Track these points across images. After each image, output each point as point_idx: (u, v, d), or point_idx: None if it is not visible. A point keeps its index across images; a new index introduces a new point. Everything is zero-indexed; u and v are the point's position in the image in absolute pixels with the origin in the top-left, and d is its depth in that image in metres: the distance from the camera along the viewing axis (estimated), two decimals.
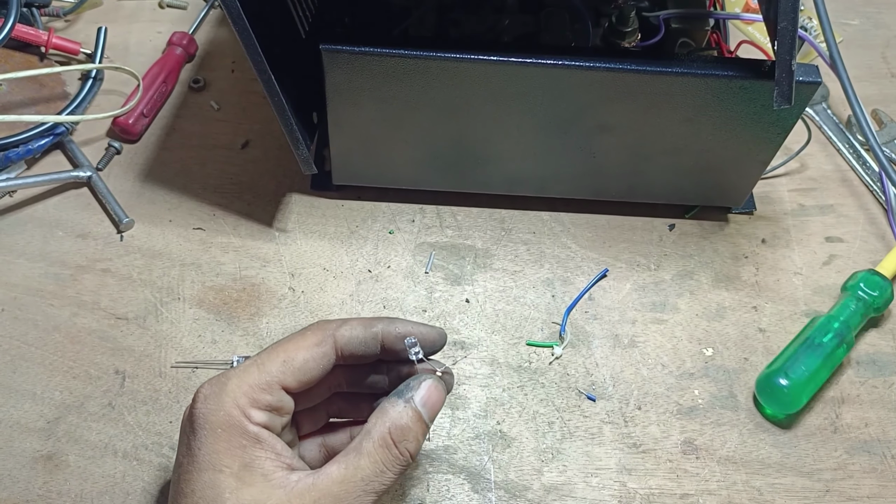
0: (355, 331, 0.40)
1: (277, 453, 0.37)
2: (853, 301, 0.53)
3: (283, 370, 0.38)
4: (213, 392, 0.37)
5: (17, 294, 0.54)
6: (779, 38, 0.44)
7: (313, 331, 0.40)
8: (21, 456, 0.48)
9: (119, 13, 0.71)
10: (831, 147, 0.66)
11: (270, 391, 0.38)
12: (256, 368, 0.38)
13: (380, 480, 0.36)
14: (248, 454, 0.36)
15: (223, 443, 0.36)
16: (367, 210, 0.59)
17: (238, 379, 0.38)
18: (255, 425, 0.37)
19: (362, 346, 0.40)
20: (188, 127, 0.64)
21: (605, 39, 0.59)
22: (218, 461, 0.36)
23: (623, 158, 0.55)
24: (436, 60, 0.48)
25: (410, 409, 0.38)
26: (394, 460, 0.37)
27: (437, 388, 0.39)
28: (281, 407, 0.38)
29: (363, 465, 0.36)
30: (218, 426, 0.36)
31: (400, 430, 0.37)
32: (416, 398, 0.38)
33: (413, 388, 0.39)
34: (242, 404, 0.37)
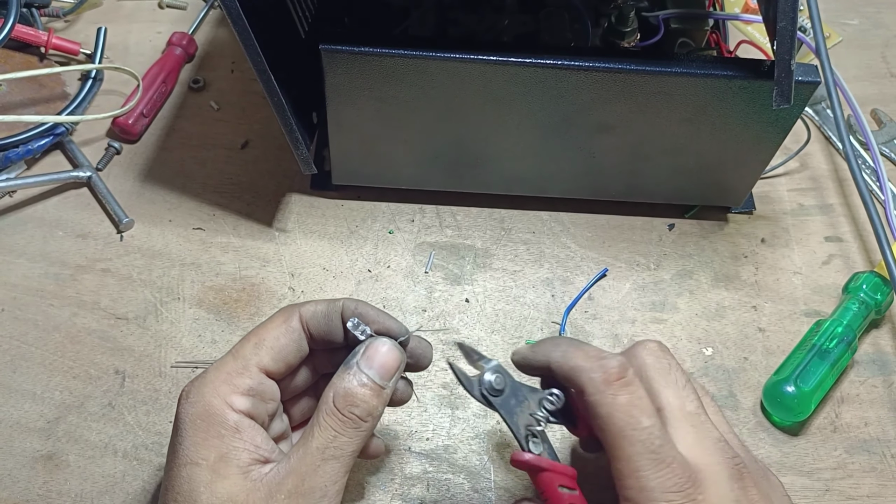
0: (318, 306, 0.40)
1: (256, 445, 0.37)
2: (856, 304, 0.53)
3: (257, 351, 0.39)
4: (194, 387, 0.38)
5: (17, 294, 0.54)
6: (778, 38, 0.44)
7: (279, 311, 0.41)
8: (21, 456, 0.48)
9: (119, 13, 0.71)
10: (831, 146, 0.66)
11: (248, 374, 0.38)
12: (231, 356, 0.39)
13: (335, 446, 0.36)
14: (225, 444, 0.36)
15: (202, 433, 0.36)
16: (367, 210, 0.59)
17: (216, 370, 0.38)
18: (237, 413, 0.37)
19: (325, 320, 0.40)
20: (188, 127, 0.64)
21: (604, 39, 0.59)
22: (196, 454, 0.36)
23: (622, 158, 0.55)
24: (435, 60, 0.48)
25: (351, 373, 0.38)
26: (342, 424, 0.37)
27: (383, 348, 0.39)
28: (263, 391, 0.38)
29: (315, 435, 0.36)
30: (197, 417, 0.37)
31: (343, 395, 0.37)
32: (359, 361, 0.38)
33: (357, 352, 0.39)
34: (223, 392, 0.37)
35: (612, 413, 0.36)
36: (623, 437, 0.35)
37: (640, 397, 0.36)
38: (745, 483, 0.36)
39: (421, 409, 0.51)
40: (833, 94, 0.56)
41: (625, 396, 0.36)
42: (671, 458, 0.35)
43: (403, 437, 0.49)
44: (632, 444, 0.35)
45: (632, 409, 0.36)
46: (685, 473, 0.35)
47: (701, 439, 0.37)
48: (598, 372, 0.36)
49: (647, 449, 0.35)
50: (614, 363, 0.37)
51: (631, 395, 0.36)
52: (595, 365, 0.37)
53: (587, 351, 0.38)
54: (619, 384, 0.36)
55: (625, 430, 0.35)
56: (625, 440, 0.35)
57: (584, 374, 0.37)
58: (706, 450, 0.36)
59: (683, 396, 0.38)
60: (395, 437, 0.49)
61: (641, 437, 0.35)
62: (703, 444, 0.37)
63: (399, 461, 0.48)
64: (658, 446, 0.35)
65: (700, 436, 0.37)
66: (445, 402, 0.51)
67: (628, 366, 0.37)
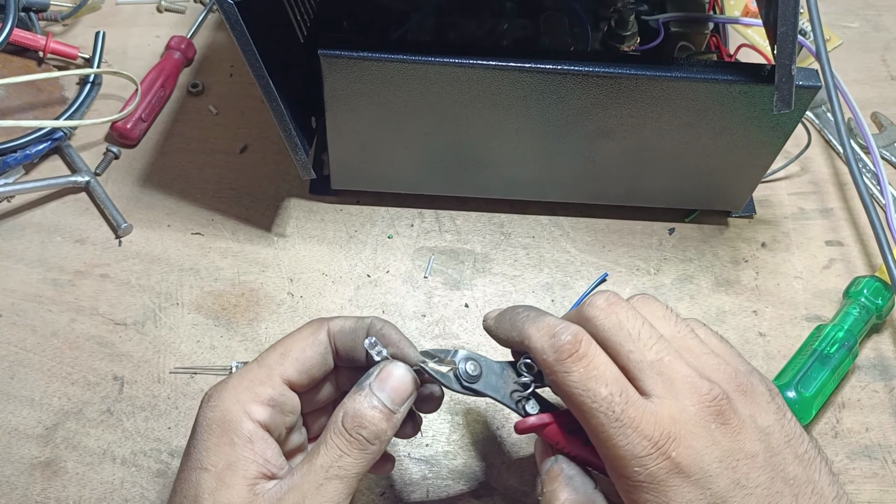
0: (347, 322, 0.40)
1: (266, 459, 0.37)
2: (857, 308, 0.53)
3: (281, 361, 0.38)
4: (216, 391, 0.38)
5: (15, 300, 0.54)
6: (779, 43, 0.44)
7: (309, 324, 0.40)
8: (19, 462, 0.47)
9: (117, 17, 0.71)
10: (831, 150, 0.66)
11: (271, 384, 0.38)
12: (256, 364, 0.39)
13: (340, 465, 0.36)
14: (235, 453, 0.36)
15: (214, 439, 0.36)
16: (366, 214, 0.59)
17: (239, 376, 0.38)
18: (254, 422, 0.37)
19: (351, 335, 0.39)
20: (186, 131, 0.64)
21: (604, 43, 0.59)
22: (206, 459, 0.36)
23: (622, 162, 0.55)
24: (434, 65, 0.48)
25: (363, 395, 0.37)
26: (349, 445, 0.36)
27: (397, 372, 0.38)
28: (284, 402, 0.38)
29: (321, 453, 0.36)
30: (214, 422, 0.36)
31: (351, 416, 0.37)
32: (372, 383, 0.38)
33: (371, 374, 0.38)
34: (243, 400, 0.37)
35: (568, 391, 0.35)
36: (584, 412, 0.35)
37: (594, 367, 0.35)
38: (725, 417, 0.35)
39: None
40: (833, 97, 0.56)
41: (578, 371, 0.35)
42: (636, 420, 0.34)
43: (403, 443, 0.49)
44: (594, 415, 0.35)
45: (587, 382, 0.35)
46: (656, 431, 0.34)
47: (668, 385, 0.35)
48: (551, 352, 0.36)
49: (610, 419, 0.34)
50: (565, 337, 0.36)
51: (585, 367, 0.35)
52: (546, 344, 0.36)
53: (540, 327, 0.37)
54: (570, 360, 0.35)
55: (584, 404, 0.35)
56: (586, 414, 0.35)
57: (539, 356, 0.37)
58: (677, 395, 0.35)
59: (641, 347, 0.36)
60: (395, 443, 0.49)
61: (602, 409, 0.34)
62: (673, 388, 0.35)
63: (399, 467, 0.48)
64: (620, 413, 0.34)
65: (667, 382, 0.35)
66: (445, 407, 0.51)
67: (581, 335, 0.36)
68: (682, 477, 0.34)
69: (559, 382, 0.36)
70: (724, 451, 0.34)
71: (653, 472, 0.34)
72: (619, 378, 0.35)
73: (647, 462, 0.34)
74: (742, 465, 0.34)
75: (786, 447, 0.36)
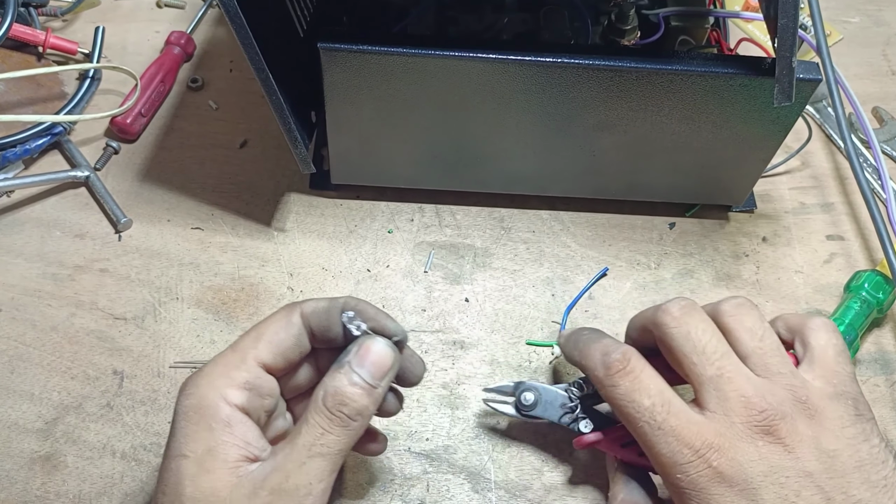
0: (320, 303, 0.40)
1: (246, 441, 0.36)
2: (857, 302, 0.53)
3: (255, 345, 0.38)
4: (191, 380, 0.38)
5: (14, 294, 0.54)
6: (779, 35, 0.44)
7: (282, 308, 0.41)
8: (19, 457, 0.47)
9: (117, 13, 0.71)
10: (832, 145, 0.66)
11: (245, 367, 0.38)
12: (230, 349, 0.39)
13: (322, 443, 0.36)
14: (214, 438, 0.36)
15: (192, 426, 0.36)
16: (366, 209, 0.59)
17: (213, 363, 0.38)
18: (231, 406, 0.37)
19: (325, 316, 0.39)
20: (186, 126, 0.63)
21: (604, 37, 0.58)
22: (185, 446, 0.36)
23: (623, 157, 0.55)
24: (435, 58, 0.48)
25: (342, 372, 0.37)
26: (330, 423, 0.36)
27: (376, 346, 0.38)
28: (260, 385, 0.38)
29: (303, 432, 0.36)
30: (191, 409, 0.37)
31: (332, 394, 0.37)
32: (351, 360, 0.38)
33: (349, 350, 0.38)
34: (219, 385, 0.37)
35: (615, 403, 0.39)
36: (630, 422, 0.39)
37: (639, 380, 0.39)
38: (777, 435, 0.37)
39: (421, 409, 0.50)
40: (834, 91, 0.56)
41: (623, 385, 0.39)
42: (677, 429, 0.37)
43: (403, 438, 0.49)
44: (638, 424, 0.38)
45: (632, 395, 0.38)
46: (697, 441, 0.36)
47: (722, 401, 0.38)
48: (601, 368, 0.40)
49: (652, 427, 0.37)
50: (615, 356, 0.40)
51: (630, 381, 0.39)
52: (598, 362, 0.40)
53: (595, 348, 0.41)
54: (618, 375, 0.39)
55: (629, 415, 0.38)
56: (631, 423, 0.39)
57: (591, 374, 0.41)
58: (727, 411, 0.37)
59: (704, 361, 0.39)
60: (395, 437, 0.49)
61: (644, 418, 0.38)
62: (725, 405, 0.37)
63: (399, 462, 0.48)
64: (661, 422, 0.37)
65: (721, 398, 0.38)
66: (445, 402, 0.51)
67: (630, 353, 0.40)
68: (726, 486, 0.36)
69: (608, 396, 0.40)
70: (771, 466, 0.36)
71: (694, 479, 0.36)
72: (663, 390, 0.39)
73: (689, 469, 0.37)
74: (792, 482, 0.36)
75: (855, 471, 0.37)
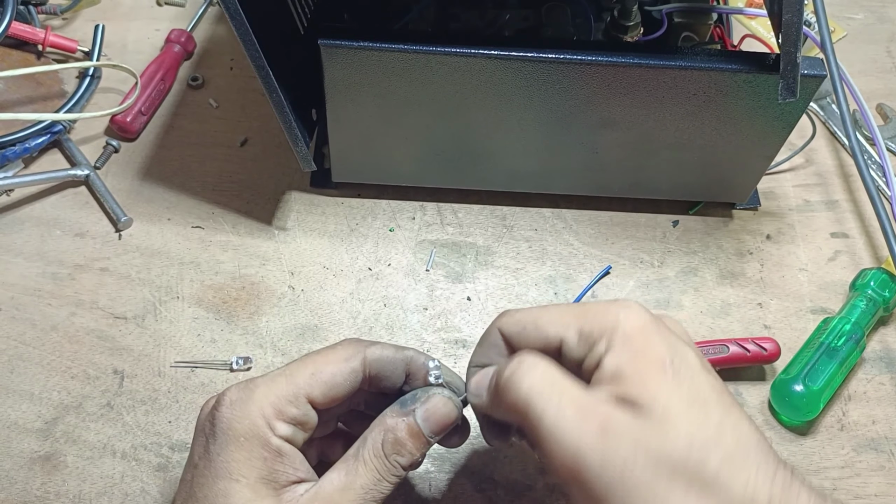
0: (386, 351, 0.39)
1: (295, 468, 0.36)
2: (863, 301, 0.53)
3: (311, 382, 0.37)
4: (241, 398, 0.37)
5: (14, 294, 0.53)
6: (783, 31, 0.44)
7: (344, 346, 0.39)
8: (19, 457, 0.47)
9: (117, 11, 0.71)
10: (836, 142, 0.66)
11: (297, 404, 0.37)
12: (285, 379, 0.37)
13: (378, 489, 0.36)
14: (267, 467, 0.36)
15: (244, 452, 0.35)
16: (368, 208, 0.59)
17: (266, 388, 0.37)
18: (279, 438, 0.36)
19: (390, 366, 0.39)
20: (186, 125, 0.63)
21: (607, 34, 0.58)
22: (236, 470, 0.35)
23: (626, 154, 0.54)
24: (436, 55, 0.47)
25: (407, 422, 0.37)
26: (387, 471, 0.36)
27: (444, 404, 0.38)
28: (306, 422, 0.37)
29: (361, 473, 0.36)
30: (241, 434, 0.36)
31: (393, 442, 0.37)
32: (417, 411, 0.38)
33: (418, 399, 0.38)
34: (268, 415, 0.36)
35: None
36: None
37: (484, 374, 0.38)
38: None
39: None
40: (838, 88, 0.56)
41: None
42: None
43: None
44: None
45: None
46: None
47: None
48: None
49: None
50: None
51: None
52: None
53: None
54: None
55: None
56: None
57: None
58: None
59: None
60: None
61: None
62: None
63: None
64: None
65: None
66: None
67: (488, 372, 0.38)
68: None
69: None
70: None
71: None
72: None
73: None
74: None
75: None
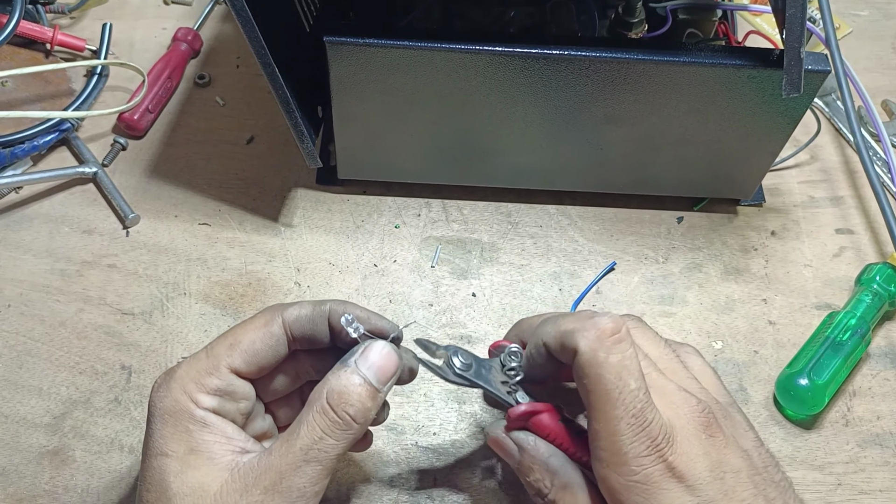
0: (303, 309, 0.39)
1: (228, 437, 0.37)
2: (869, 295, 0.53)
3: (230, 353, 0.38)
4: (164, 380, 0.38)
5: (23, 290, 0.54)
6: (788, 26, 0.44)
7: (263, 313, 0.40)
8: (28, 451, 0.47)
9: (124, 9, 0.71)
10: (841, 138, 0.66)
11: (218, 375, 0.37)
12: (204, 353, 0.38)
13: (320, 447, 0.35)
14: (194, 438, 0.36)
15: (170, 428, 0.36)
16: (373, 204, 0.59)
17: (186, 366, 0.38)
18: (203, 410, 0.37)
19: (310, 324, 0.39)
20: (193, 123, 0.64)
21: (611, 30, 0.58)
22: (165, 446, 0.36)
23: (630, 150, 0.54)
24: (441, 52, 0.48)
25: (348, 372, 0.37)
26: (332, 425, 0.36)
27: (382, 350, 0.38)
28: (232, 391, 0.38)
29: (301, 434, 0.36)
30: (165, 412, 0.37)
31: (337, 393, 0.36)
32: (357, 360, 0.37)
33: (355, 351, 0.38)
34: (190, 390, 0.37)
35: (601, 374, 0.35)
36: (608, 399, 0.35)
37: (630, 357, 0.35)
38: (711, 430, 0.36)
39: (428, 403, 0.50)
40: (843, 84, 0.56)
41: (616, 356, 0.35)
42: (649, 421, 0.34)
43: (410, 432, 0.49)
44: (615, 406, 0.34)
45: (622, 371, 0.35)
46: (660, 434, 0.34)
47: (663, 394, 0.36)
48: (592, 329, 0.36)
49: (629, 412, 0.34)
50: (607, 320, 0.36)
51: (622, 354, 0.35)
52: (588, 324, 0.36)
53: (577, 315, 0.38)
54: (612, 340, 0.35)
55: (611, 392, 0.35)
56: (609, 402, 0.35)
57: (578, 334, 0.36)
58: (671, 404, 0.36)
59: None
60: (402, 431, 0.49)
61: (626, 400, 0.34)
62: (666, 398, 0.36)
63: (406, 456, 0.48)
64: (640, 410, 0.34)
65: (658, 393, 0.36)
66: (452, 396, 0.50)
67: (622, 322, 0.36)
68: (676, 480, 0.35)
69: (594, 363, 0.35)
70: (714, 461, 0.35)
71: (649, 473, 0.34)
72: (643, 374, 0.36)
73: (645, 463, 0.34)
74: (729, 478, 0.35)
75: (764, 471, 0.37)
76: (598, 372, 0.35)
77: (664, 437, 0.35)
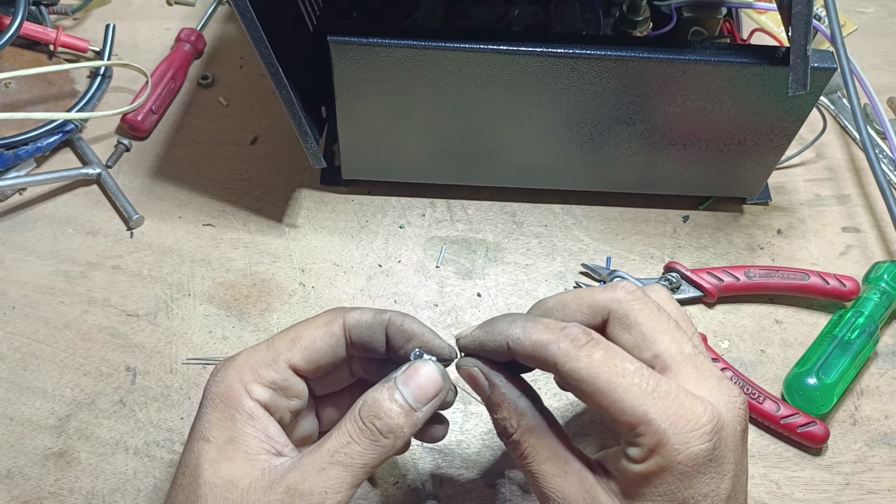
0: (364, 315, 0.39)
1: (268, 436, 0.37)
2: (877, 294, 0.52)
3: (290, 347, 0.38)
4: (222, 366, 0.38)
5: (27, 292, 0.54)
6: (793, 23, 0.44)
7: (326, 313, 0.40)
8: (33, 453, 0.47)
9: (127, 10, 0.71)
10: (847, 136, 0.65)
11: (276, 368, 0.38)
12: (265, 345, 0.38)
13: (346, 451, 0.35)
14: (236, 428, 0.36)
15: (217, 413, 0.36)
16: (377, 204, 0.59)
17: (246, 355, 0.38)
18: (253, 401, 0.37)
19: (368, 330, 0.39)
20: (197, 123, 0.63)
21: (616, 29, 0.58)
22: (208, 431, 0.36)
23: (635, 149, 0.54)
24: (445, 51, 0.47)
25: (387, 388, 0.37)
26: (360, 433, 0.35)
27: (425, 370, 0.37)
28: (287, 387, 0.38)
29: (332, 437, 0.36)
30: (217, 397, 0.37)
31: (369, 404, 0.36)
32: (398, 377, 0.37)
33: (401, 368, 0.38)
34: (245, 378, 0.37)
35: (593, 372, 0.34)
36: (613, 390, 0.33)
37: (614, 349, 0.34)
38: (745, 425, 0.36)
39: None
40: (849, 82, 0.55)
41: (599, 352, 0.34)
42: (673, 393, 0.33)
43: None
44: (626, 391, 0.33)
45: (612, 360, 0.34)
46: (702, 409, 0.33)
47: (705, 379, 0.35)
48: (565, 340, 0.35)
49: (644, 391, 0.33)
50: (577, 330, 0.35)
51: (605, 349, 0.34)
52: (560, 335, 0.35)
53: (546, 323, 0.36)
54: (589, 345, 0.34)
55: (612, 381, 0.33)
56: (616, 392, 0.33)
57: (552, 346, 0.35)
58: (712, 390, 0.35)
59: (679, 339, 0.36)
60: None
61: (634, 381, 0.33)
62: (708, 384, 0.35)
63: (411, 456, 0.48)
64: (655, 385, 0.33)
65: (703, 376, 0.35)
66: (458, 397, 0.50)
67: (591, 330, 0.35)
68: (715, 465, 0.33)
69: (580, 367, 0.34)
70: (741, 455, 0.35)
71: (695, 452, 0.32)
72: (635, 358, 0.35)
73: (691, 439, 0.32)
74: (742, 477, 0.36)
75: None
76: (589, 372, 0.34)
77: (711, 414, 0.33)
